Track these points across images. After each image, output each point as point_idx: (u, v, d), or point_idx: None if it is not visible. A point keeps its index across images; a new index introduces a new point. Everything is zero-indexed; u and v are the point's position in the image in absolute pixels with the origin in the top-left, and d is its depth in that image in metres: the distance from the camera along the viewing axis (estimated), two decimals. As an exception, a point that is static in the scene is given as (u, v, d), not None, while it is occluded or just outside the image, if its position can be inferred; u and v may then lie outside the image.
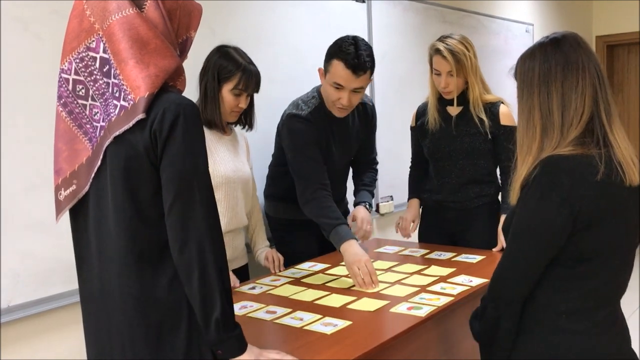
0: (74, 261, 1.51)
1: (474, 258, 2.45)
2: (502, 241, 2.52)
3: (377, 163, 2.87)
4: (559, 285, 1.39)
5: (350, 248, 2.20)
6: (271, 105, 2.61)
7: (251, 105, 2.34)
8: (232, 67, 2.19)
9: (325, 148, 2.51)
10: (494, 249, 2.56)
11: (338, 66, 2.31)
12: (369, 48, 2.35)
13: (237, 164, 2.33)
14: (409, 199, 2.89)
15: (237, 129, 2.43)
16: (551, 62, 1.39)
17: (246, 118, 2.37)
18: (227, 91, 2.20)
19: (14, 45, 1.98)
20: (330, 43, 2.41)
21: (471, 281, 2.13)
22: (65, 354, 2.16)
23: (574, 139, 1.35)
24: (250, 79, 2.21)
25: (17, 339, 2.05)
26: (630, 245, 1.41)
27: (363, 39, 2.37)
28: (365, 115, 2.66)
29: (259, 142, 2.66)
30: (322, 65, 2.42)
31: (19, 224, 2.00)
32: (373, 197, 2.77)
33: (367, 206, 2.64)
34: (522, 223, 1.39)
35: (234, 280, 2.20)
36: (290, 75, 2.87)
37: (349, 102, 2.38)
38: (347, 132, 2.60)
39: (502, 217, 2.58)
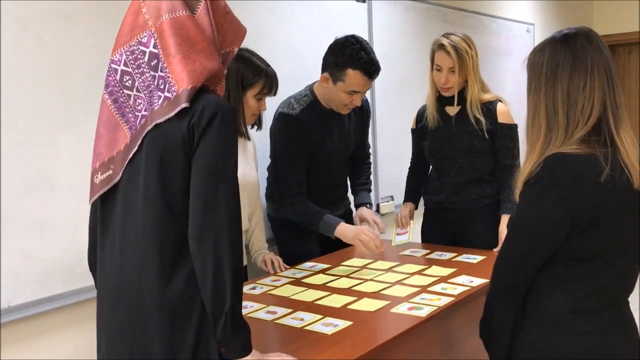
0: (74, 261, 1.50)
1: (475, 258, 2.44)
2: (502, 240, 2.52)
3: (369, 156, 2.94)
4: (564, 285, 1.38)
5: (346, 228, 2.33)
6: (272, 104, 2.60)
7: None
8: (254, 74, 2.20)
9: (320, 145, 2.53)
10: (494, 249, 2.56)
11: (356, 75, 2.36)
12: (371, 47, 2.41)
13: (246, 167, 2.33)
14: (403, 202, 2.91)
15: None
16: (559, 59, 1.37)
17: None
18: (251, 97, 2.21)
19: (14, 45, 1.98)
20: (330, 43, 2.42)
21: (472, 281, 2.12)
22: (66, 354, 2.16)
23: (579, 138, 1.34)
24: (272, 82, 2.24)
25: (17, 339, 2.04)
26: (634, 246, 1.41)
27: (362, 38, 2.41)
28: (361, 111, 2.70)
29: (261, 141, 2.66)
30: (321, 67, 2.45)
31: (19, 224, 2.00)
32: (370, 193, 2.87)
33: (368, 206, 2.75)
34: (520, 217, 1.40)
35: None
36: (291, 75, 2.86)
37: (360, 103, 2.49)
38: (343, 128, 2.63)
39: (503, 217, 2.58)
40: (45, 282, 2.08)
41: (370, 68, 2.35)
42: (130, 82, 1.40)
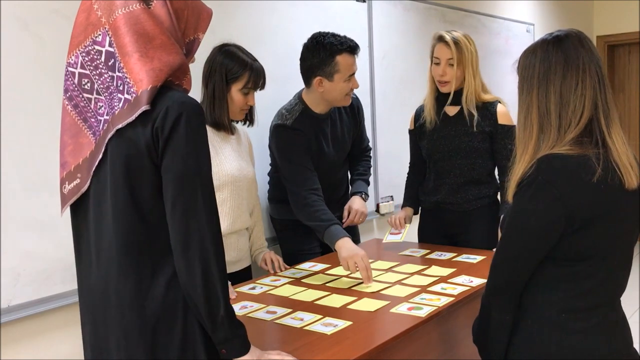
0: (74, 261, 1.50)
1: (475, 258, 2.44)
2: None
3: (370, 150, 2.92)
4: (558, 284, 1.39)
5: (346, 244, 2.23)
6: (272, 104, 2.61)
7: None
8: (239, 67, 2.19)
9: (317, 150, 2.54)
10: (494, 249, 2.56)
11: (345, 58, 2.39)
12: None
13: (242, 163, 2.34)
14: (402, 206, 2.89)
15: (239, 126, 2.43)
16: (551, 60, 1.38)
17: (247, 114, 2.38)
18: (236, 91, 2.21)
19: (14, 45, 1.98)
20: (301, 53, 2.47)
21: (472, 281, 2.12)
22: (65, 354, 2.16)
23: (571, 139, 1.35)
24: (258, 76, 2.23)
25: (17, 339, 2.05)
26: (628, 245, 1.42)
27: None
28: (352, 109, 2.72)
29: (261, 141, 2.67)
30: (304, 76, 2.48)
31: (19, 224, 2.00)
32: (369, 184, 2.82)
33: (363, 196, 2.71)
34: (514, 218, 1.40)
35: (230, 291, 2.19)
36: (291, 75, 2.86)
37: (358, 85, 2.50)
38: (337, 130, 2.64)
39: (503, 217, 2.58)
40: (45, 282, 2.08)
41: (351, 43, 2.40)
42: (89, 84, 1.33)
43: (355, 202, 2.66)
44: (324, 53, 2.37)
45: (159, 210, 1.30)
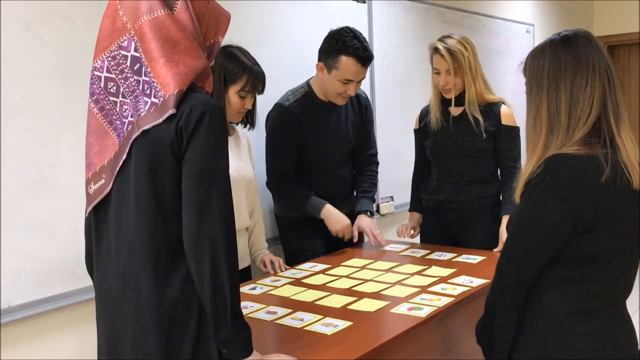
0: (74, 261, 1.50)
1: (475, 259, 2.44)
2: (503, 241, 2.52)
3: (377, 162, 2.90)
4: (563, 286, 1.39)
5: (331, 213, 2.53)
6: (272, 105, 2.61)
7: (254, 104, 2.34)
8: (238, 70, 2.18)
9: (314, 137, 2.56)
10: (495, 250, 2.56)
11: (348, 62, 2.39)
12: (364, 37, 2.47)
13: (240, 163, 2.33)
14: (410, 210, 2.91)
15: (239, 127, 2.43)
16: (561, 60, 1.38)
17: (248, 117, 2.38)
18: (233, 93, 2.20)
19: (14, 46, 1.98)
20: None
21: (472, 282, 2.12)
22: (66, 354, 2.16)
23: (579, 139, 1.34)
24: (256, 80, 2.22)
25: (17, 339, 2.05)
26: (635, 247, 1.41)
27: (356, 29, 2.46)
28: (359, 105, 2.73)
29: (261, 141, 2.66)
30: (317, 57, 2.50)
31: (19, 224, 2.00)
32: (374, 201, 2.84)
33: (369, 214, 2.73)
34: (521, 218, 1.40)
35: None
36: (291, 76, 2.87)
37: (355, 92, 2.51)
38: (339, 120, 2.65)
39: (503, 218, 2.58)
40: (45, 282, 2.08)
41: (362, 54, 2.40)
42: (115, 88, 1.38)
43: (364, 221, 2.66)
44: (334, 46, 2.41)
45: (179, 208, 1.33)
